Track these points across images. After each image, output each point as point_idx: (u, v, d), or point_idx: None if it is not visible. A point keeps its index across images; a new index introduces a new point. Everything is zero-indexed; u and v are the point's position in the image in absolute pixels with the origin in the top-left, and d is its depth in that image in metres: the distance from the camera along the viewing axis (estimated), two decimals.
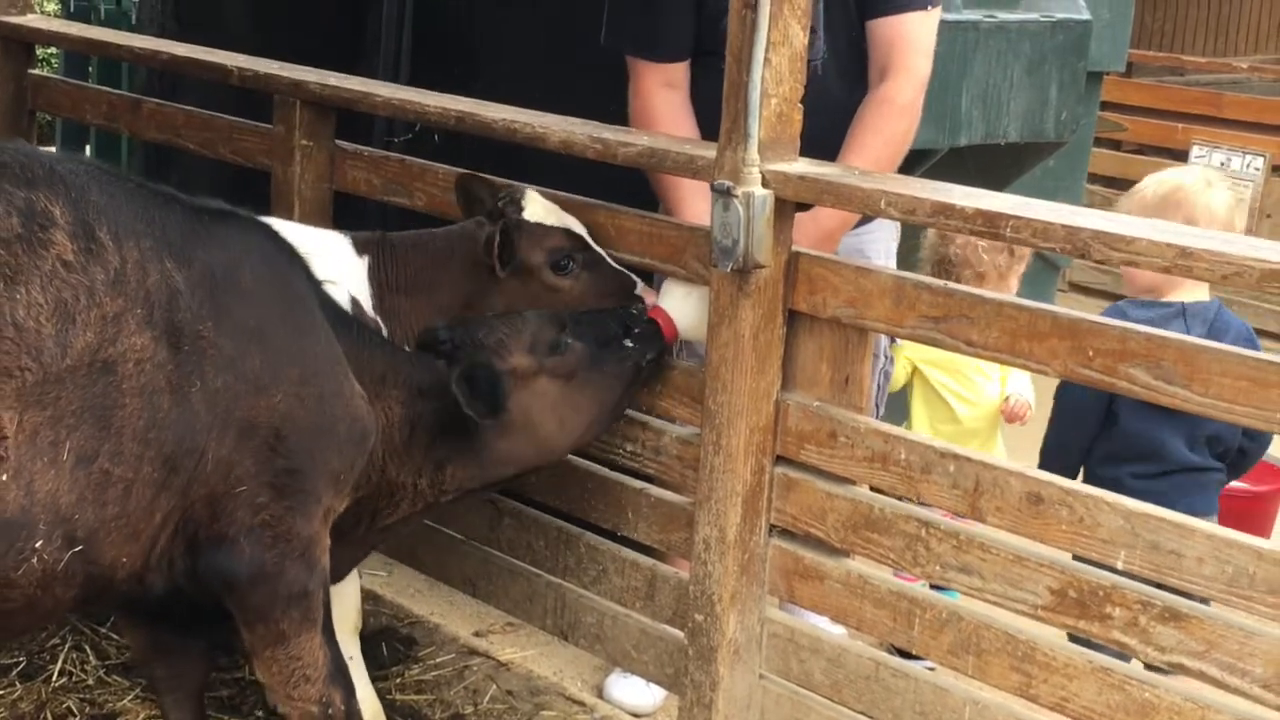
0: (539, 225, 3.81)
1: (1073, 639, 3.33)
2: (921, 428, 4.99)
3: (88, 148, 7.15)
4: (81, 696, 4.18)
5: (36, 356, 2.80)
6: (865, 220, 4.21)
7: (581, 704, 4.30)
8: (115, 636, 4.37)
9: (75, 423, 2.86)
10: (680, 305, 3.79)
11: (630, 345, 3.70)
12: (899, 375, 4.98)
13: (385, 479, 3.55)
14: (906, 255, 4.78)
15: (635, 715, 4.34)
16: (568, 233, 3.82)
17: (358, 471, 3.39)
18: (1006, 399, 4.95)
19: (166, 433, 2.99)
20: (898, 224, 4.42)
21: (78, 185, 2.97)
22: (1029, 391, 4.97)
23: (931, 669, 3.65)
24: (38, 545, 2.86)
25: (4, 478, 2.77)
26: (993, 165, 5.62)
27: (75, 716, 4.09)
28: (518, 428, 3.59)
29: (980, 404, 4.99)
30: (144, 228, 3.04)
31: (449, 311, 3.83)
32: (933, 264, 4.96)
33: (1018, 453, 4.94)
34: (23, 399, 2.79)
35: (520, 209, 3.81)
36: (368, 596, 4.70)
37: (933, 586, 3.77)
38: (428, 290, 3.85)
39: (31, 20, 5.51)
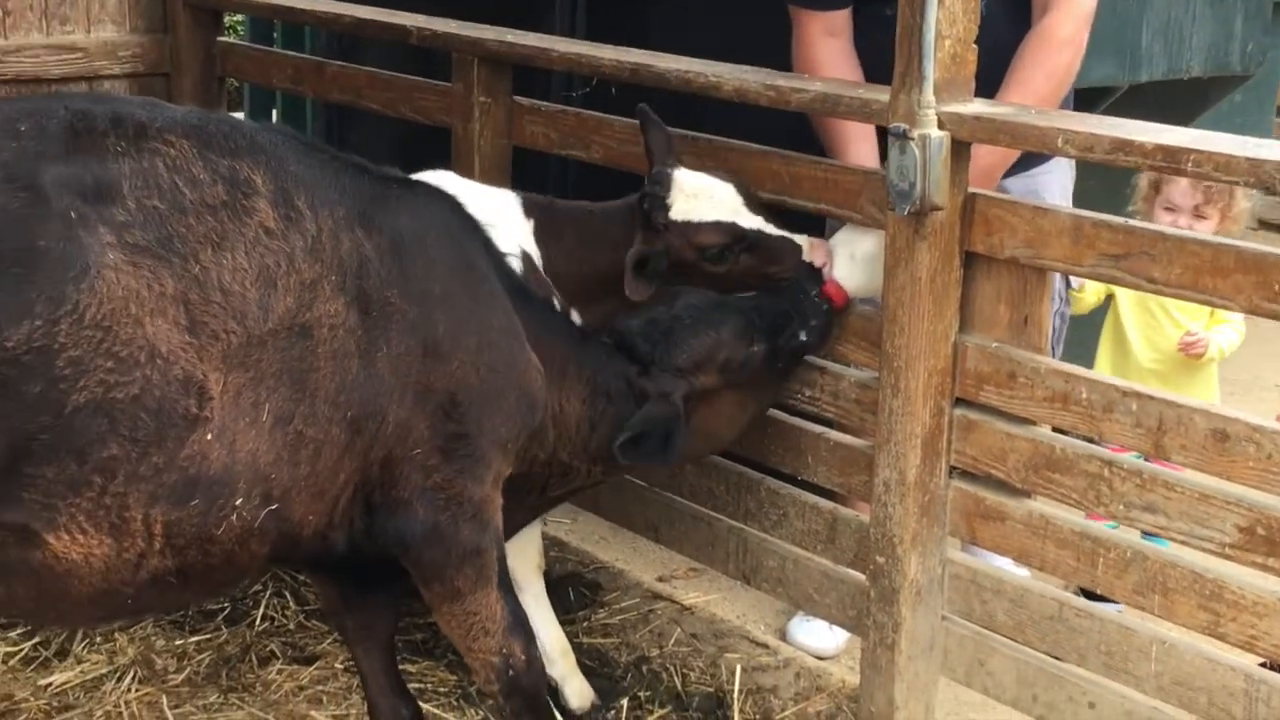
0: (687, 224, 3.76)
1: None
2: (1103, 366, 4.93)
3: (274, 112, 7.33)
4: (283, 640, 4.36)
5: (241, 320, 2.91)
6: (1039, 160, 4.17)
7: (765, 646, 4.35)
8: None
9: (274, 385, 2.96)
10: (846, 267, 3.78)
11: (804, 339, 3.73)
12: (1090, 298, 4.90)
13: (556, 459, 3.63)
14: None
15: (818, 658, 4.38)
16: (718, 226, 3.76)
17: (523, 438, 3.46)
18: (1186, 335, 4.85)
19: (354, 395, 3.09)
20: (1073, 164, 4.36)
21: (277, 154, 3.07)
22: (1230, 342, 4.85)
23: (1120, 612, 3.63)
24: (238, 503, 2.97)
25: (209, 437, 2.88)
26: (1175, 101, 5.51)
27: (278, 659, 4.27)
28: (695, 434, 3.66)
29: (1161, 348, 4.90)
30: (337, 196, 3.13)
31: (601, 287, 3.86)
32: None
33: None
34: (227, 361, 2.89)
35: (666, 208, 3.77)
36: (553, 543, 4.82)
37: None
38: (581, 265, 3.89)
39: None
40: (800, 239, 3.82)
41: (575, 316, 3.85)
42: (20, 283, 2.65)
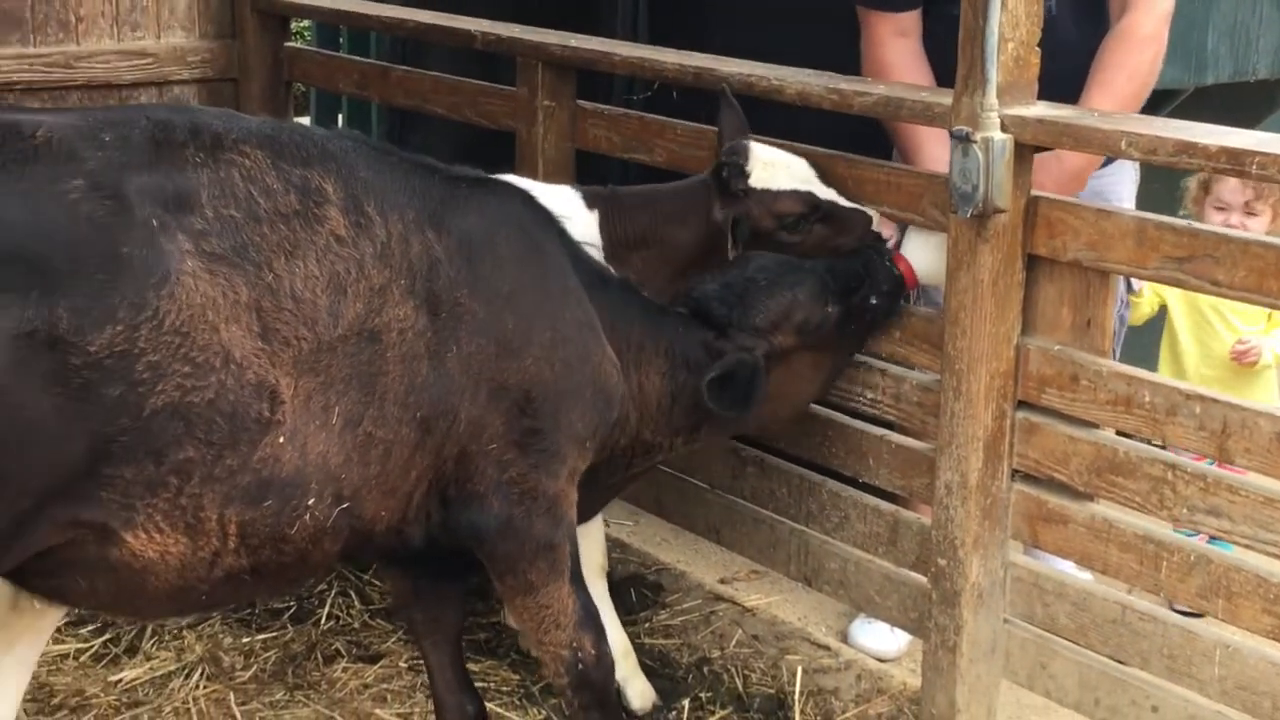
0: (765, 193, 3.83)
1: None
2: (1164, 370, 4.92)
3: (339, 115, 7.40)
4: (348, 638, 4.42)
5: (312, 326, 2.96)
6: (1104, 163, 4.16)
7: (826, 648, 4.36)
8: (378, 583, 4.59)
9: (344, 389, 3.01)
10: (919, 252, 3.82)
11: (876, 303, 3.75)
12: (1144, 308, 4.89)
13: (639, 439, 3.67)
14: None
15: (880, 660, 4.38)
16: (795, 195, 3.83)
17: (602, 435, 3.50)
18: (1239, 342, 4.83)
19: (424, 396, 3.14)
20: (1137, 166, 4.35)
21: (347, 162, 3.12)
22: None
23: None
24: (310, 503, 3.03)
25: (281, 440, 2.94)
26: (1241, 104, 5.49)
27: (343, 657, 4.32)
28: (773, 396, 3.68)
29: (1216, 355, 4.88)
30: (406, 199, 3.18)
31: (679, 266, 3.90)
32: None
33: None
34: (299, 366, 2.95)
35: (745, 175, 3.83)
36: (615, 545, 4.85)
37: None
38: (658, 245, 3.92)
39: None
40: (870, 210, 3.86)
41: None
42: (104, 288, 2.71)
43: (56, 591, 3.05)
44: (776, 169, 3.86)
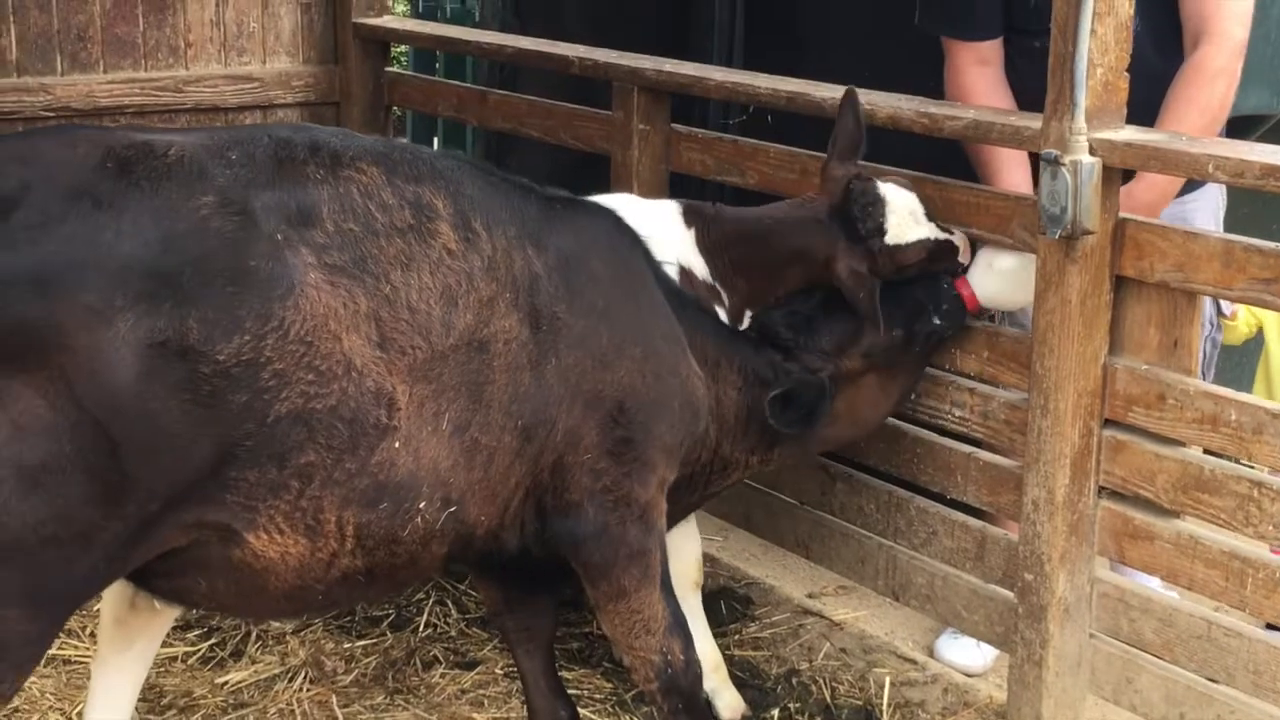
0: (895, 248, 3.79)
1: None
2: (1258, 390, 4.94)
3: (434, 138, 7.57)
4: (445, 646, 4.53)
5: (426, 336, 3.08)
6: (1189, 188, 4.21)
7: (913, 662, 4.42)
8: (473, 592, 4.70)
9: (454, 396, 3.14)
10: (983, 276, 3.88)
11: (938, 323, 3.85)
12: (1241, 329, 4.91)
13: (718, 455, 3.79)
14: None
15: (966, 674, 4.43)
16: (921, 244, 3.81)
17: (689, 446, 3.61)
18: None
19: (525, 405, 3.26)
20: (1223, 192, 4.40)
21: (454, 179, 3.25)
22: None
23: None
24: (421, 506, 3.15)
25: (397, 445, 3.06)
26: None
27: (440, 663, 4.44)
28: (841, 417, 3.84)
29: None
30: (508, 217, 3.31)
31: (784, 288, 3.93)
32: None
33: None
34: (413, 374, 3.07)
35: (884, 232, 3.78)
36: (706, 559, 4.91)
37: None
38: (761, 269, 3.95)
39: (388, 21, 5.90)
40: (957, 238, 3.89)
41: (747, 317, 3.96)
42: (232, 300, 2.83)
43: (178, 592, 3.17)
44: (905, 219, 3.81)
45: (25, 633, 2.84)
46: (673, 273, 3.81)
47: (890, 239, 3.79)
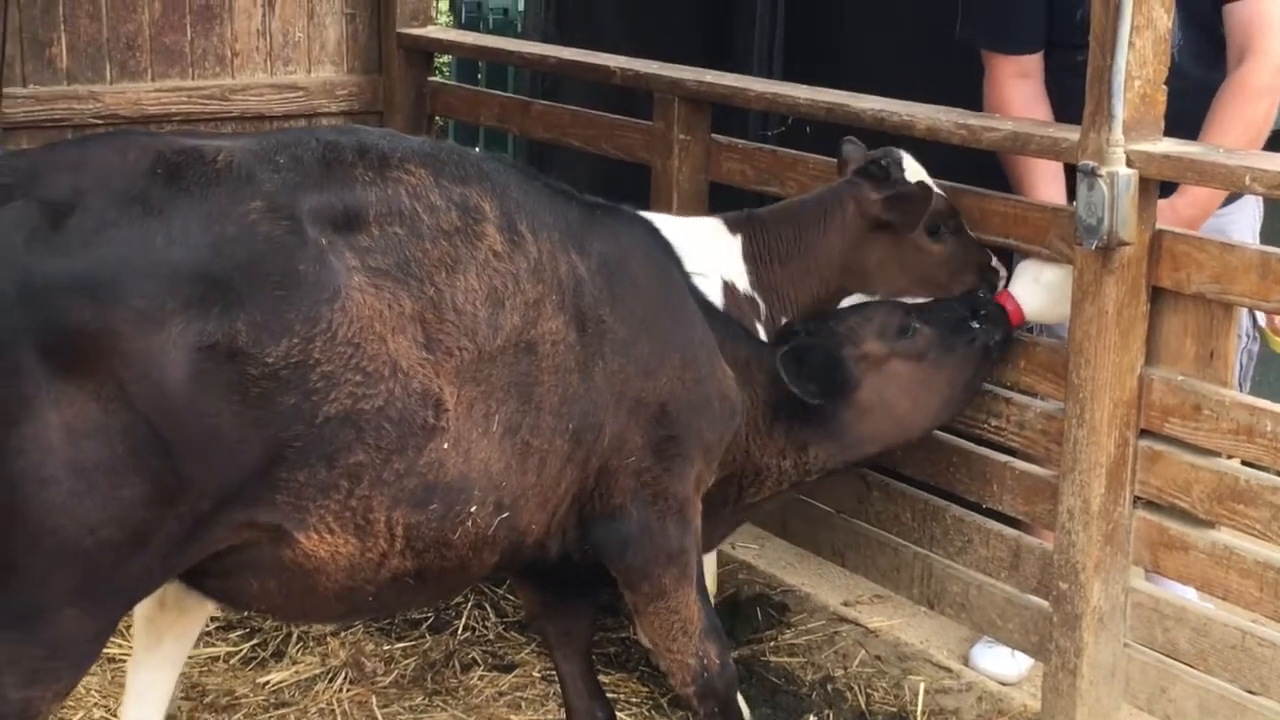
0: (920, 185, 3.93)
1: None
2: None
3: (476, 148, 7.64)
4: (484, 649, 4.58)
5: (473, 337, 3.12)
6: (1226, 201, 4.22)
7: (948, 670, 4.45)
8: (512, 596, 4.75)
9: (503, 398, 3.17)
10: (1028, 290, 3.91)
11: (977, 326, 3.87)
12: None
13: (750, 460, 3.81)
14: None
15: (1001, 683, 4.45)
16: (944, 198, 3.95)
17: (726, 444, 3.65)
18: None
19: (574, 408, 3.30)
20: (1260, 205, 4.41)
21: (500, 181, 3.29)
22: None
23: None
24: (472, 510, 3.19)
25: (445, 446, 3.10)
26: None
27: (479, 666, 4.48)
28: (874, 409, 3.82)
29: None
30: (552, 220, 3.35)
31: (825, 274, 3.97)
32: None
33: None
34: (461, 375, 3.11)
35: (902, 170, 3.91)
36: (742, 566, 4.98)
37: None
38: (802, 256, 3.98)
39: (431, 31, 5.96)
40: (989, 252, 3.98)
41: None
42: (281, 303, 2.88)
43: (230, 592, 3.21)
44: (919, 172, 3.94)
45: (82, 631, 2.89)
46: (713, 285, 3.84)
47: (910, 177, 3.92)
